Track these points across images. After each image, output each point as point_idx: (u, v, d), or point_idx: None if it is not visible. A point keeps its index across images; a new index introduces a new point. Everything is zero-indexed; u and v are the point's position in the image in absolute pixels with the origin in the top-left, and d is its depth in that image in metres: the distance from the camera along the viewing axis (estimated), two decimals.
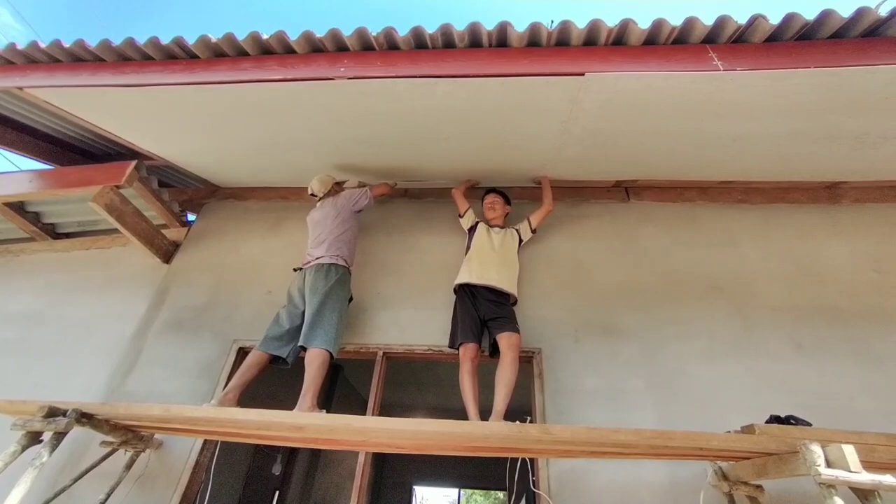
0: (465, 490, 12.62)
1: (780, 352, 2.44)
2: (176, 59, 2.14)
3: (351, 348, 2.62)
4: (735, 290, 2.69)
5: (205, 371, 2.60)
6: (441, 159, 2.84)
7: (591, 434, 1.71)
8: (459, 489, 9.68)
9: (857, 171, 2.82)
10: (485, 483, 8.40)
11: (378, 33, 2.00)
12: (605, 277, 2.78)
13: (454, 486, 8.93)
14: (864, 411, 2.17)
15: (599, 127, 2.37)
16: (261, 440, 2.22)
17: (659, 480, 2.10)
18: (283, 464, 4.54)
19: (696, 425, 2.10)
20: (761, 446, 1.64)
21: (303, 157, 2.98)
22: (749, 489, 1.87)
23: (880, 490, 1.31)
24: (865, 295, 2.57)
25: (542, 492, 2.11)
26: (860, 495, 1.34)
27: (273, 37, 2.06)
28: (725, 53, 1.93)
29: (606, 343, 2.51)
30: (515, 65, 1.92)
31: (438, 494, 15.92)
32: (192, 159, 3.09)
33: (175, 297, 2.95)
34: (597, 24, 1.90)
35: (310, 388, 2.16)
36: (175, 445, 2.30)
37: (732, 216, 3.06)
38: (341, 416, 1.81)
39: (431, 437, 1.79)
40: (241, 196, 3.57)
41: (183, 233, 3.29)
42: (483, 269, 2.50)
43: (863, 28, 1.75)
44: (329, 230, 2.65)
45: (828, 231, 2.91)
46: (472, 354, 2.27)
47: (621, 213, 3.11)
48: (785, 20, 1.80)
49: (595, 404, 2.32)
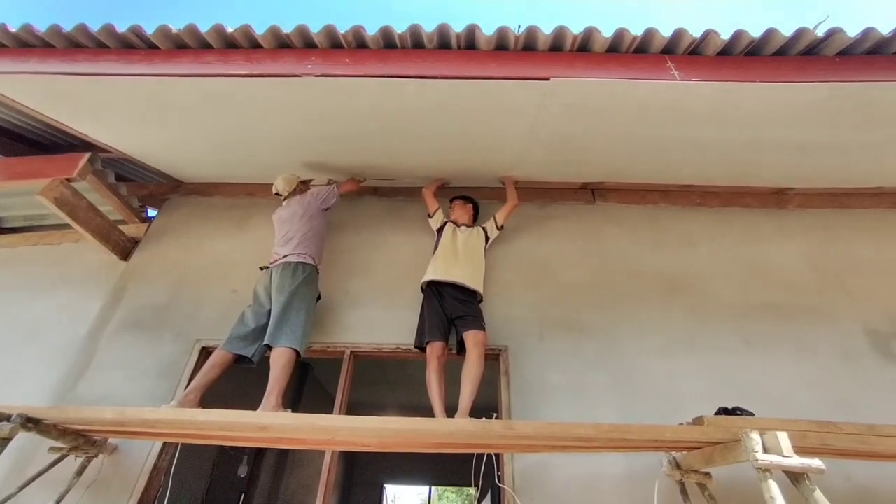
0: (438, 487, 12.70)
1: (730, 347, 2.57)
2: (134, 48, 2.06)
3: (318, 347, 2.59)
4: (691, 289, 2.82)
5: (165, 372, 2.51)
6: (411, 158, 2.85)
7: (553, 429, 1.77)
8: (430, 487, 9.73)
9: (800, 178, 3.02)
10: (456, 480, 8.47)
11: (346, 31, 1.99)
12: (570, 277, 2.87)
13: (425, 483, 8.96)
14: (801, 400, 2.33)
15: (565, 130, 2.44)
16: (224, 441, 2.17)
17: (618, 472, 2.18)
18: (249, 465, 4.44)
19: (654, 418, 2.19)
20: (709, 436, 1.74)
21: (271, 153, 2.92)
22: (699, 476, 1.97)
23: (809, 473, 1.41)
24: (805, 294, 2.76)
25: (507, 486, 2.16)
26: (792, 478, 1.45)
27: (238, 30, 2.01)
28: (682, 64, 2.03)
29: (570, 340, 2.59)
30: (483, 67, 1.96)
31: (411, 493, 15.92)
32: (153, 153, 2.97)
33: (133, 296, 2.83)
34: (562, 30, 1.96)
35: (275, 388, 2.14)
36: (131, 450, 2.22)
37: (691, 218, 3.20)
38: (306, 415, 1.80)
39: (396, 434, 1.80)
40: (205, 192, 3.46)
41: (143, 229, 3.16)
42: (448, 266, 2.53)
43: (802, 47, 1.88)
44: (296, 228, 2.62)
45: (775, 234, 3.09)
46: (439, 352, 2.30)
47: (587, 215, 3.20)
48: (734, 36, 1.92)
49: (559, 400, 2.39)
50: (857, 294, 2.72)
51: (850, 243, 2.97)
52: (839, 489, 2.04)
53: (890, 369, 2.42)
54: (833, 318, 2.64)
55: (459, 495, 17.70)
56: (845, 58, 1.89)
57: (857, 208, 3.13)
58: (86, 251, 3.02)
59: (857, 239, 2.98)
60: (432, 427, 1.79)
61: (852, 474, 2.07)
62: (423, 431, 1.79)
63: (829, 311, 2.67)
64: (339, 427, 1.80)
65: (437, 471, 8.03)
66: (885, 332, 2.54)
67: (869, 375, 2.40)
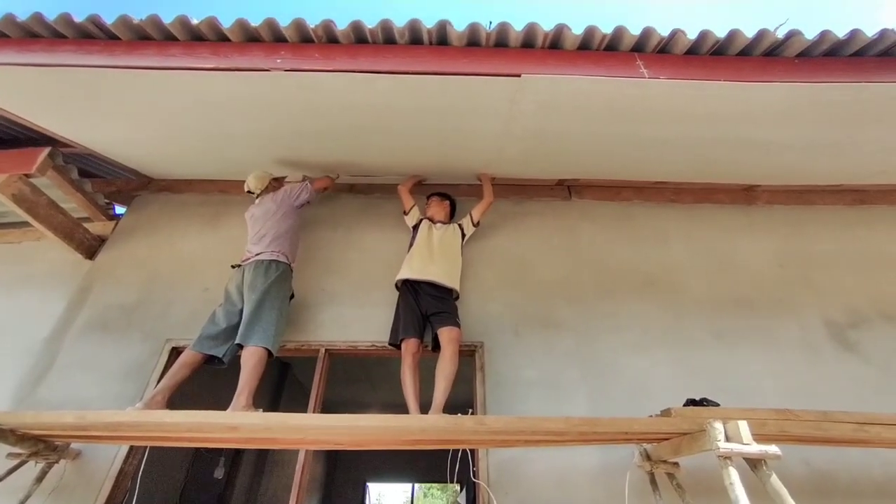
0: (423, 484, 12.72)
1: (701, 341, 2.63)
2: (93, 38, 1.98)
3: (292, 346, 2.56)
4: (665, 284, 2.87)
5: (132, 374, 2.45)
6: (385, 155, 2.83)
7: (523, 424, 1.79)
8: (413, 484, 9.74)
9: (767, 175, 3.11)
10: (439, 477, 8.50)
11: (316, 25, 1.96)
12: (546, 273, 2.89)
13: (408, 481, 8.98)
14: (766, 390, 2.41)
15: (539, 127, 2.45)
16: (193, 443, 2.13)
17: (591, 464, 2.21)
18: (226, 466, 4.36)
19: (628, 411, 2.22)
20: (676, 427, 1.78)
21: (243, 149, 2.86)
22: (667, 466, 2.02)
23: (766, 458, 1.47)
24: (772, 288, 2.84)
25: (482, 481, 2.18)
26: (751, 464, 1.50)
27: (204, 22, 1.95)
28: (651, 62, 2.06)
29: (545, 336, 2.61)
30: (455, 63, 1.95)
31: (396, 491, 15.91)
32: (118, 148, 2.88)
33: (99, 296, 2.75)
34: (533, 27, 1.97)
35: (245, 387, 2.10)
36: (96, 454, 2.15)
37: (664, 215, 3.25)
38: (276, 414, 1.78)
39: (369, 432, 1.80)
40: (176, 189, 3.37)
41: (110, 227, 3.06)
42: (423, 264, 2.52)
43: (764, 48, 1.93)
44: (269, 226, 2.58)
45: (744, 230, 3.17)
46: (414, 349, 2.30)
47: (563, 211, 3.23)
48: (700, 36, 1.95)
49: (533, 395, 2.41)
50: (819, 287, 2.83)
51: (813, 239, 3.07)
52: (799, 473, 2.12)
53: (845, 358, 2.52)
54: (796, 310, 2.73)
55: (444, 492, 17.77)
56: (804, 59, 1.95)
57: (819, 205, 3.25)
58: (48, 250, 2.91)
59: (820, 234, 3.09)
60: (404, 424, 1.79)
61: (811, 459, 2.15)
62: (396, 428, 1.79)
63: (792, 304, 2.76)
64: (311, 425, 1.78)
65: (420, 468, 8.04)
66: (842, 323, 2.64)
67: (827, 364, 2.49)
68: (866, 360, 2.50)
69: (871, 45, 1.89)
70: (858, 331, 2.62)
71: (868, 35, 1.86)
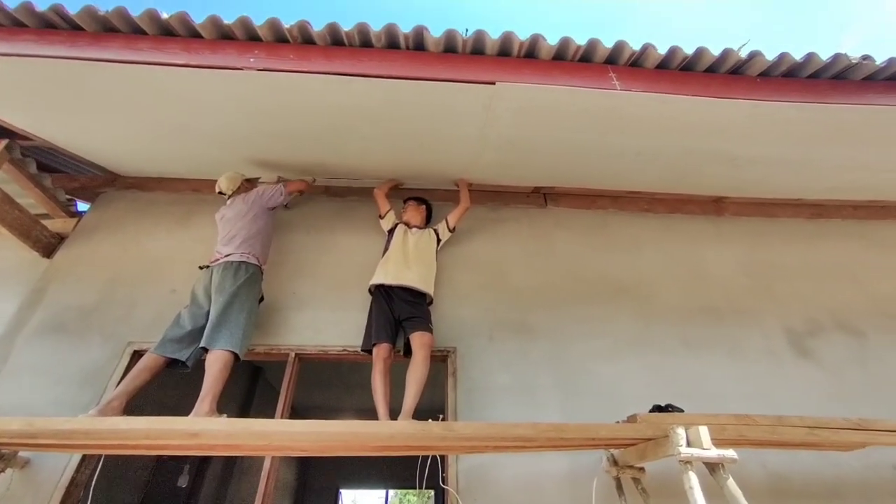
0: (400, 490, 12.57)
1: (670, 348, 2.69)
2: (56, 28, 1.91)
3: (261, 349, 2.51)
4: (638, 292, 2.93)
5: (90, 378, 2.34)
6: (362, 158, 2.81)
7: (492, 429, 1.79)
8: (387, 490, 9.62)
9: (734, 188, 3.23)
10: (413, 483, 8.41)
11: (291, 26, 1.94)
12: (520, 279, 2.92)
13: (382, 487, 8.86)
14: (730, 396, 2.48)
15: (514, 134, 2.48)
16: (151, 451, 2.05)
17: (560, 470, 2.23)
18: (191, 475, 4.21)
19: (598, 417, 2.23)
20: (641, 433, 1.81)
21: (216, 149, 2.80)
22: (633, 471, 2.05)
23: (724, 462, 1.51)
24: (738, 297, 2.94)
25: (451, 488, 2.16)
26: (710, 468, 1.54)
27: (174, 17, 1.91)
28: (623, 75, 2.11)
29: (519, 342, 2.63)
30: (430, 69, 1.96)
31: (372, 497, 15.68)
32: (83, 143, 2.77)
33: (56, 296, 2.62)
34: (509, 36, 1.99)
35: (209, 392, 2.04)
36: (45, 463, 2.05)
37: (638, 224, 3.33)
38: (239, 420, 1.73)
39: (336, 438, 1.76)
40: (145, 186, 3.26)
41: (71, 224, 2.94)
42: (398, 269, 2.51)
43: (729, 66, 2.01)
44: (239, 227, 2.52)
45: (713, 240, 3.28)
46: (385, 354, 2.28)
47: (539, 219, 3.27)
48: (670, 51, 2.02)
49: (506, 401, 2.42)
50: (781, 297, 2.94)
51: (775, 250, 3.20)
52: (756, 476, 2.19)
53: (802, 364, 2.62)
54: (759, 319, 2.83)
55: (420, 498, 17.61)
56: (765, 79, 2.04)
57: (781, 218, 3.39)
58: (2, 248, 2.77)
59: (782, 246, 3.22)
60: (372, 430, 1.76)
61: (767, 462, 2.23)
62: (363, 434, 1.76)
63: (756, 313, 2.86)
64: (275, 431, 1.73)
65: (394, 474, 7.95)
66: (801, 332, 2.76)
67: (786, 371, 2.59)
68: (820, 366, 2.61)
69: (826, 67, 1.99)
70: (815, 339, 2.74)
71: (822, 58, 1.96)
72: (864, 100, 2.01)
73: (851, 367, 2.63)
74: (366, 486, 8.60)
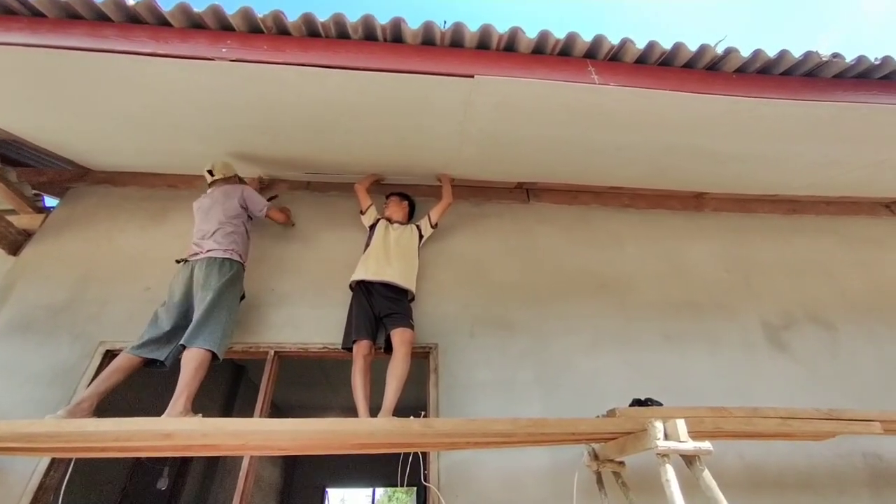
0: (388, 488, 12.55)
1: (651, 343, 2.71)
2: (15, 14, 1.82)
3: (239, 347, 2.45)
4: (618, 287, 2.95)
5: (59, 379, 2.27)
6: (342, 152, 2.76)
7: (471, 426, 1.78)
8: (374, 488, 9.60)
9: (714, 183, 3.27)
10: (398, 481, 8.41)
11: (265, 15, 1.89)
12: (502, 275, 2.91)
13: (368, 485, 8.83)
14: (708, 389, 2.52)
15: (494, 129, 2.47)
16: (124, 453, 1.99)
17: (542, 465, 2.24)
18: (170, 477, 4.13)
19: (580, 412, 2.26)
20: (620, 427, 1.82)
21: (192, 142, 2.72)
22: (614, 465, 2.07)
23: (700, 454, 1.52)
24: (717, 291, 2.98)
25: (433, 484, 2.16)
26: (686, 461, 1.55)
27: (141, 4, 1.84)
28: (602, 69, 2.11)
29: (500, 338, 2.62)
30: (408, 61, 1.93)
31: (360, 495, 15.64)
32: (48, 135, 2.66)
33: (23, 295, 2.53)
34: (488, 28, 1.97)
35: (184, 392, 1.98)
36: (12, 467, 1.98)
37: (620, 219, 3.35)
38: (212, 419, 1.69)
39: (313, 436, 1.73)
40: (118, 181, 3.16)
41: (38, 220, 2.84)
42: (379, 265, 2.48)
43: (706, 62, 2.03)
44: (222, 221, 2.45)
45: (694, 235, 3.31)
46: (366, 351, 2.25)
47: (521, 214, 3.27)
48: (648, 46, 2.02)
49: (487, 397, 2.41)
50: (758, 291, 2.99)
51: (753, 245, 3.25)
52: (733, 467, 2.23)
53: (778, 357, 2.68)
54: (738, 313, 2.87)
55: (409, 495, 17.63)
56: (741, 75, 2.06)
57: (759, 213, 3.45)
58: None
59: (759, 241, 3.27)
60: (351, 428, 1.73)
61: (744, 453, 2.27)
62: (341, 432, 1.73)
63: (735, 308, 2.90)
64: (250, 431, 1.69)
65: (381, 472, 7.93)
66: (777, 325, 2.81)
67: (762, 364, 2.64)
68: (795, 359, 2.67)
69: (798, 65, 2.01)
70: (790, 332, 2.79)
71: (795, 56, 1.99)
72: (835, 97, 2.05)
73: (824, 359, 2.69)
74: (352, 484, 8.56)
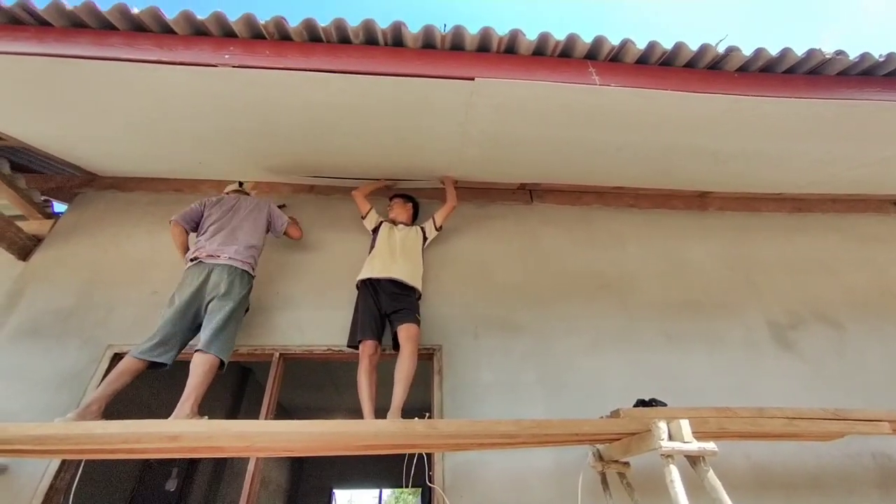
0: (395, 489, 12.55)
1: (653, 342, 2.70)
2: (23, 24, 1.86)
3: (245, 350, 2.47)
4: (621, 287, 2.94)
5: (67, 383, 2.30)
6: (345, 155, 2.78)
7: (475, 427, 1.78)
8: (381, 490, 9.61)
9: (717, 182, 3.25)
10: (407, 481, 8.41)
11: (267, 21, 1.91)
12: (506, 276, 2.91)
13: (375, 486, 8.85)
14: (712, 389, 2.50)
15: (495, 130, 2.47)
16: (131, 455, 2.01)
17: (546, 466, 2.23)
18: (179, 478, 4.16)
19: (583, 413, 2.25)
20: (624, 428, 1.82)
21: (197, 148, 2.76)
22: (618, 466, 2.07)
23: (705, 455, 1.52)
24: (720, 291, 2.97)
25: (438, 486, 2.16)
26: (691, 461, 1.55)
27: (146, 12, 1.87)
28: (603, 70, 2.11)
29: (504, 339, 2.62)
30: (409, 65, 1.94)
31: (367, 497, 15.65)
32: (57, 142, 2.71)
33: (33, 300, 2.57)
34: (488, 31, 1.98)
35: (192, 394, 2.00)
36: (23, 469, 2.01)
37: (623, 219, 3.34)
38: (219, 421, 1.71)
39: (318, 438, 1.74)
40: (125, 187, 3.20)
41: (47, 226, 2.88)
42: (385, 264, 2.49)
43: (707, 61, 2.02)
44: (245, 230, 2.46)
45: (697, 235, 3.30)
46: (371, 351, 2.26)
47: (525, 215, 3.27)
48: (648, 47, 2.02)
49: (491, 398, 2.41)
50: (762, 290, 2.97)
51: (757, 244, 3.23)
52: (740, 467, 2.22)
53: (783, 356, 2.66)
54: (741, 312, 2.86)
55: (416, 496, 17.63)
56: (743, 74, 2.06)
57: (764, 212, 3.42)
58: None
59: (763, 240, 3.25)
60: (355, 429, 1.74)
61: (751, 453, 2.25)
62: (347, 434, 1.75)
63: (738, 307, 2.89)
64: (256, 432, 1.71)
65: (387, 473, 7.94)
66: (783, 324, 2.79)
67: (768, 363, 2.62)
68: (802, 358, 2.65)
69: (801, 63, 2.01)
70: (796, 331, 2.77)
71: (797, 54, 1.98)
72: (839, 94, 2.03)
73: (831, 358, 2.67)
74: (359, 486, 8.59)
